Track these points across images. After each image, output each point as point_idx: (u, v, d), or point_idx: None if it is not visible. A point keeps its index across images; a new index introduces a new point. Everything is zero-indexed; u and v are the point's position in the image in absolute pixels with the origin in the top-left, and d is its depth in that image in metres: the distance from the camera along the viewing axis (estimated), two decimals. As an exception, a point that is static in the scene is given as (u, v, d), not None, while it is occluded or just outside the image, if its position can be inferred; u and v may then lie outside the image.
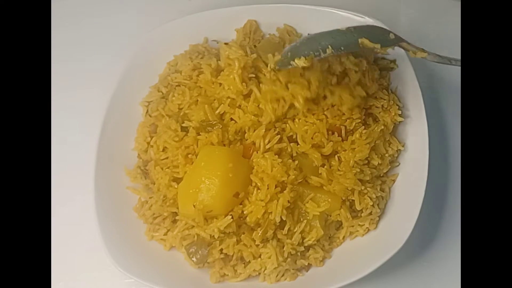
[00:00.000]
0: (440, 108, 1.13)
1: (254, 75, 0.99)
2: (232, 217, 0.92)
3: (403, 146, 1.02)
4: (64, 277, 1.00)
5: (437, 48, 1.19)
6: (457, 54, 0.87)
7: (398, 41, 0.91)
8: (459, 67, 0.78)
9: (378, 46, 0.89)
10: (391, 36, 0.91)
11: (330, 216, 0.96)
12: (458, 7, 0.82)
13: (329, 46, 0.88)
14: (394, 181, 1.01)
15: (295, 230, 0.94)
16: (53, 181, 0.93)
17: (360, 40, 0.89)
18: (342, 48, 0.88)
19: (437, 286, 0.99)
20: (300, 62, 0.88)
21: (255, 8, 1.15)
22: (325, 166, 0.96)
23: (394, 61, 1.07)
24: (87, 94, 1.16)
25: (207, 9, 1.16)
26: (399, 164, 1.02)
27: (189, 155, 0.98)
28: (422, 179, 0.95)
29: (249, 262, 0.94)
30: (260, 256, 0.93)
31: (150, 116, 1.07)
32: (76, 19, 1.30)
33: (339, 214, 0.96)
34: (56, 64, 1.07)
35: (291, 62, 0.89)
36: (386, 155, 1.01)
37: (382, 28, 0.94)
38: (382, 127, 0.99)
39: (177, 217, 0.98)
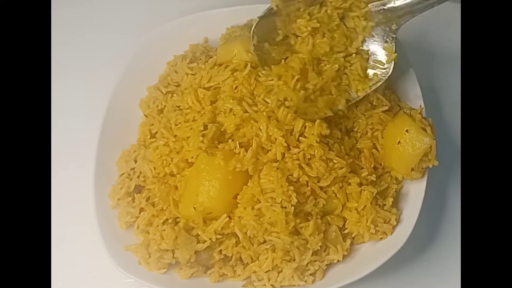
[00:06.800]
0: (440, 108, 1.13)
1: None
2: (230, 218, 0.92)
3: None
4: (64, 277, 1.01)
5: (437, 48, 1.20)
6: (457, 54, 0.87)
7: None
8: (459, 69, 0.78)
9: None
10: None
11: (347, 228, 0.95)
12: (458, 8, 0.82)
13: None
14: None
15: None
16: (53, 181, 0.93)
17: None
18: None
19: (437, 286, 0.99)
20: None
21: (255, 8, 1.14)
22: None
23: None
24: (87, 94, 1.16)
25: (207, 9, 1.16)
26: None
27: (188, 159, 0.97)
28: (422, 179, 0.95)
29: (247, 264, 0.94)
30: (258, 258, 0.93)
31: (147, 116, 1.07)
32: (76, 19, 1.30)
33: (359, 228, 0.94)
34: (56, 64, 1.07)
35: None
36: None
37: None
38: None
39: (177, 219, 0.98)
